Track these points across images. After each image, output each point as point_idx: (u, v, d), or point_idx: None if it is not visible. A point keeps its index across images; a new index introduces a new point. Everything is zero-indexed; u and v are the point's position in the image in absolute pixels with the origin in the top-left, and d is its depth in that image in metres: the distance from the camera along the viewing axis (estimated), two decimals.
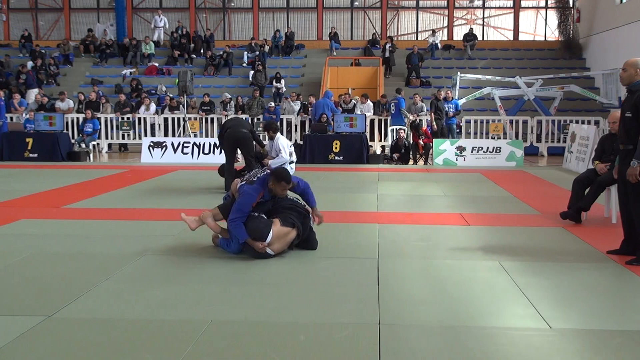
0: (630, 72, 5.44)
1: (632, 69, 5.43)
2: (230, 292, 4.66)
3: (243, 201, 5.50)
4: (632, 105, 5.36)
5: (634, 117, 5.35)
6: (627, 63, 5.49)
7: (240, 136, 9.48)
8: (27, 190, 9.69)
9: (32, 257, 5.66)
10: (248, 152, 9.55)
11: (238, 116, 10.03)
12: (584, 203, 7.34)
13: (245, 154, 9.62)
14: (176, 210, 8.10)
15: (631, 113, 5.37)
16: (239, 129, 9.55)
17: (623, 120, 5.52)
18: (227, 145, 9.57)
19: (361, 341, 3.72)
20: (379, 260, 5.57)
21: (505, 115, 17.87)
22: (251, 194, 5.53)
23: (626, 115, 5.44)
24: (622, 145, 5.51)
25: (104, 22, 27.33)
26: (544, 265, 5.46)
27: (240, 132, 9.50)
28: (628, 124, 5.41)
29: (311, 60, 24.42)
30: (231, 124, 9.76)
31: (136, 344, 3.69)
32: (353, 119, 14.95)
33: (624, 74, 5.50)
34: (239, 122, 9.90)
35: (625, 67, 5.49)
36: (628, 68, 5.46)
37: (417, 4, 27.62)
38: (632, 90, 5.45)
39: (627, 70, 5.46)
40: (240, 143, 9.52)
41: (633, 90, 5.43)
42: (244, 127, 9.73)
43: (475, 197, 9.49)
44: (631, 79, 5.43)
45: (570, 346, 3.70)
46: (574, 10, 24.70)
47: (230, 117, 10.22)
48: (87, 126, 16.02)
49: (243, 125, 9.76)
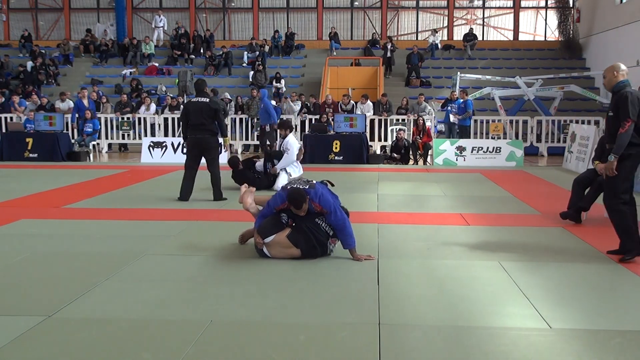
0: (610, 77, 5.68)
1: (610, 74, 5.69)
2: (230, 292, 4.66)
3: (271, 202, 5.66)
4: (614, 105, 5.59)
5: (615, 116, 5.56)
6: (605, 70, 5.77)
7: (204, 144, 8.71)
8: (27, 190, 9.69)
9: (32, 257, 5.66)
10: (213, 160, 8.83)
11: (199, 101, 8.71)
12: (584, 203, 7.35)
13: (210, 163, 8.83)
14: (176, 211, 8.12)
15: (613, 112, 5.59)
16: (203, 133, 8.69)
17: (607, 121, 5.78)
18: (191, 150, 8.86)
19: (361, 341, 3.72)
20: (379, 260, 5.56)
21: (505, 115, 17.88)
22: (276, 200, 5.60)
23: (609, 115, 5.68)
24: (608, 145, 5.71)
25: (104, 22, 27.33)
26: (544, 265, 5.46)
27: (204, 139, 8.70)
28: (611, 123, 5.64)
29: (311, 60, 24.42)
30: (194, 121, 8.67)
31: (136, 344, 3.69)
32: (353, 119, 14.94)
33: (605, 81, 5.77)
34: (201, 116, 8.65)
35: (604, 74, 5.77)
36: (607, 74, 5.73)
37: (417, 4, 27.62)
38: (614, 92, 5.66)
39: (607, 76, 5.73)
40: (205, 151, 8.78)
41: (615, 91, 5.64)
42: (206, 123, 8.68)
43: (475, 197, 9.49)
44: (612, 82, 5.66)
45: (570, 346, 3.70)
46: (574, 10, 24.71)
47: (191, 99, 8.94)
48: (87, 126, 16.02)
49: (205, 120, 8.65)
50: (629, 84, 5.61)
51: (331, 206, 5.44)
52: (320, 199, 5.44)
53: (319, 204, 5.43)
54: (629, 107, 5.40)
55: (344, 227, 5.44)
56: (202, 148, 8.80)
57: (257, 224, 5.63)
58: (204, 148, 8.79)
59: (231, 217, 7.57)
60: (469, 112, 15.85)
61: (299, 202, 5.36)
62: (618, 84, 5.60)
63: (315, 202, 5.43)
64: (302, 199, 5.36)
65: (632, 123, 5.41)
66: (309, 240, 5.46)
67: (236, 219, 7.21)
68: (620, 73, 5.63)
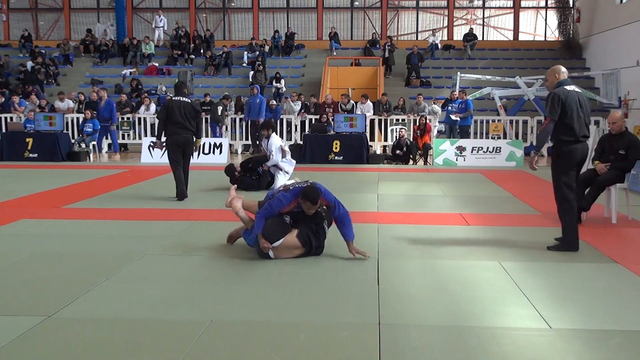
0: (552, 79, 6.02)
1: (551, 76, 6.04)
2: (230, 292, 4.66)
3: (274, 204, 5.63)
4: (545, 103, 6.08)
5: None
6: (547, 73, 6.13)
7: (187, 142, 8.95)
8: (27, 190, 9.69)
9: (32, 257, 5.66)
10: (189, 158, 9.13)
11: (181, 100, 8.89)
12: (584, 203, 7.34)
13: (186, 161, 9.10)
14: (176, 210, 8.12)
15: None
16: (185, 132, 8.87)
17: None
18: (175, 149, 8.98)
19: (361, 341, 3.72)
20: (379, 260, 5.56)
21: (505, 115, 17.88)
22: (282, 202, 5.60)
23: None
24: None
25: (104, 22, 27.32)
26: (544, 265, 5.46)
27: (187, 137, 8.91)
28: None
29: (311, 60, 24.42)
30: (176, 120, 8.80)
31: (136, 344, 3.69)
32: (353, 119, 14.94)
33: (548, 83, 6.12)
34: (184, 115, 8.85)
35: (546, 76, 6.18)
36: (548, 77, 6.09)
37: (417, 4, 27.62)
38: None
39: (548, 78, 6.08)
40: (187, 148, 9.04)
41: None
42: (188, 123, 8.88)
43: (475, 197, 9.49)
44: (553, 83, 5.98)
45: (570, 346, 3.70)
46: (574, 10, 24.71)
47: (172, 99, 9.03)
48: (87, 126, 16.02)
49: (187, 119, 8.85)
50: (566, 83, 5.92)
51: (334, 200, 5.65)
52: (325, 194, 5.64)
53: (325, 198, 5.63)
54: (548, 106, 5.82)
55: (346, 219, 5.64)
56: (185, 146, 9.00)
57: (258, 227, 5.56)
58: (186, 146, 9.02)
59: (231, 217, 7.52)
60: (470, 111, 15.91)
61: (316, 198, 5.50)
62: (556, 84, 5.93)
63: (322, 198, 5.62)
64: (318, 194, 5.53)
65: (551, 121, 5.78)
66: (318, 239, 5.63)
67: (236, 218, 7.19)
68: (561, 74, 5.97)
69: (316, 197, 5.50)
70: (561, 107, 5.76)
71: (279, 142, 10.20)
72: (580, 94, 5.96)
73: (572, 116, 5.78)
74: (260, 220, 5.60)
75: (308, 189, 5.56)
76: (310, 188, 5.57)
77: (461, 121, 15.91)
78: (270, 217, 5.61)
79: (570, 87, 5.91)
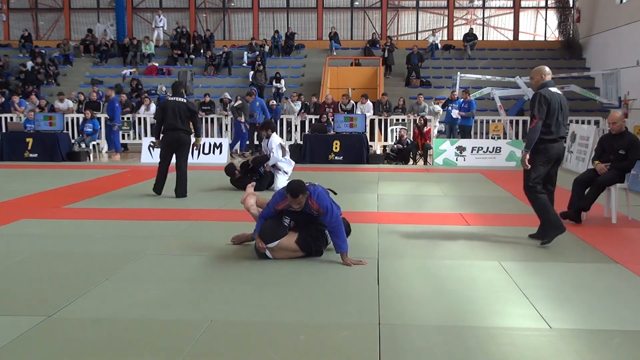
0: (537, 79, 6.20)
1: (537, 76, 6.21)
2: (230, 292, 4.66)
3: (270, 202, 5.66)
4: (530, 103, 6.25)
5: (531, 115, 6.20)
6: (532, 71, 6.30)
7: (179, 141, 8.96)
8: (27, 190, 9.69)
9: (32, 257, 5.66)
10: (183, 157, 9.08)
11: (177, 101, 8.95)
12: (584, 203, 7.35)
13: (179, 159, 9.09)
14: (176, 210, 8.12)
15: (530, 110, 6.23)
16: (178, 132, 8.92)
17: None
18: (167, 148, 9.05)
19: (361, 341, 3.72)
20: (379, 260, 5.56)
21: (505, 115, 17.87)
22: (276, 199, 5.60)
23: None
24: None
25: (104, 22, 27.33)
26: (544, 265, 5.46)
27: (180, 137, 8.94)
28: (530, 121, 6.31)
29: (311, 60, 24.42)
30: (170, 120, 8.88)
31: (136, 344, 3.69)
32: (353, 119, 14.94)
33: (532, 82, 6.31)
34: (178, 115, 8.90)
35: (531, 75, 6.31)
36: (533, 75, 6.25)
37: (417, 4, 27.63)
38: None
39: (534, 77, 6.25)
40: (179, 147, 9.02)
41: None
42: (183, 123, 8.95)
43: (475, 197, 9.49)
44: (539, 83, 6.18)
45: (570, 346, 3.70)
46: (574, 10, 24.71)
47: (168, 99, 9.15)
48: (87, 126, 16.02)
49: (182, 119, 8.92)
50: (550, 85, 6.15)
51: (327, 206, 5.45)
52: (318, 197, 5.47)
53: (316, 201, 5.44)
54: (536, 106, 6.02)
55: (339, 229, 5.42)
56: (177, 145, 9.05)
57: (257, 227, 5.60)
58: (178, 145, 9.05)
59: (231, 217, 7.57)
60: (472, 111, 15.94)
61: (296, 191, 5.35)
62: (541, 85, 6.12)
63: (312, 199, 5.44)
64: (300, 189, 5.36)
65: (540, 120, 6.00)
66: (318, 244, 5.60)
67: (236, 219, 7.21)
68: (547, 76, 6.15)
69: (295, 190, 5.35)
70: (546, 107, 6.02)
71: (279, 140, 10.22)
72: (562, 96, 6.22)
73: (554, 117, 6.05)
74: (261, 220, 5.64)
75: (292, 183, 5.49)
76: (294, 182, 5.49)
77: (463, 121, 15.92)
78: (270, 217, 5.61)
79: (553, 89, 6.18)
